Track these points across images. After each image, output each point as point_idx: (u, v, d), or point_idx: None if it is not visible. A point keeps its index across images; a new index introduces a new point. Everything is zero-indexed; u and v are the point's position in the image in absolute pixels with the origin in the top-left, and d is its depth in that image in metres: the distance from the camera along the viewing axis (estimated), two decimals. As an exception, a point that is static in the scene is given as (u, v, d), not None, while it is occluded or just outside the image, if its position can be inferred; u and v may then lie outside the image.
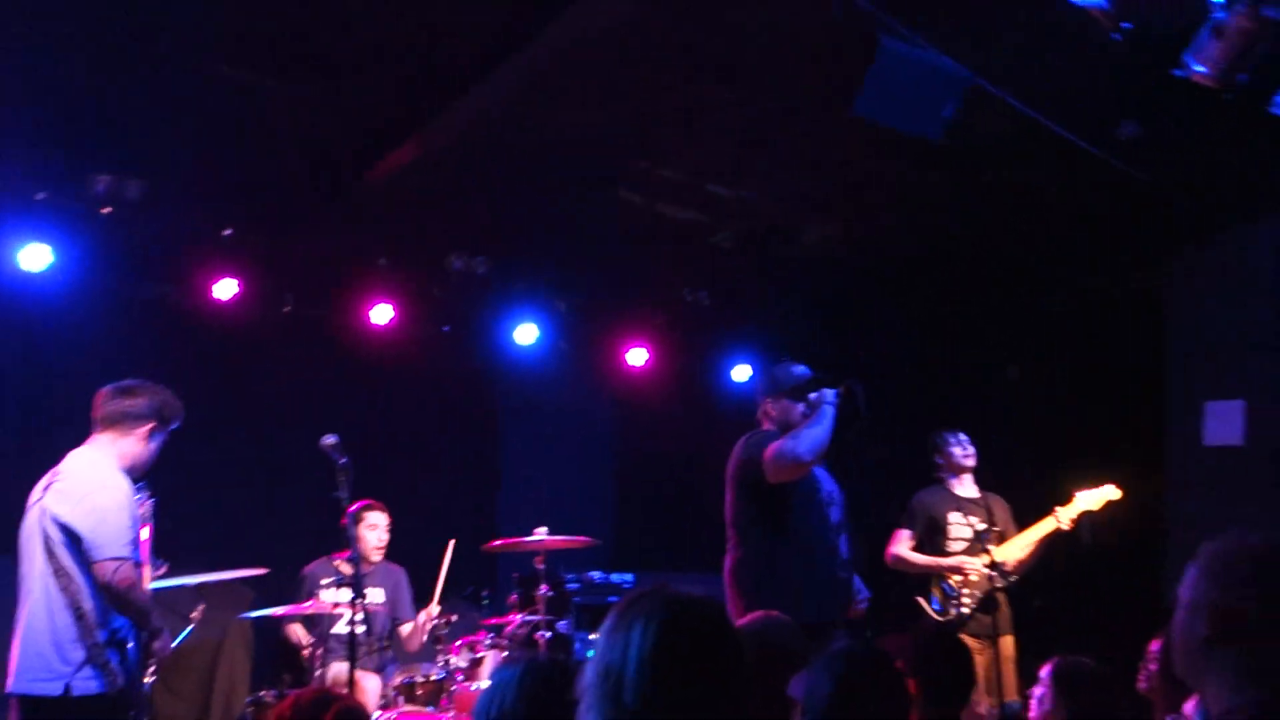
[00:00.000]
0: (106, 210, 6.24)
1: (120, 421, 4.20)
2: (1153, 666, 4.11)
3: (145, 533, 4.78)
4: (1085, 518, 6.04)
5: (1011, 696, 5.81)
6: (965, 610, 5.96)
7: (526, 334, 7.96)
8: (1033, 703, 3.75)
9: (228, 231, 6.73)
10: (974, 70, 4.74)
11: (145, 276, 6.83)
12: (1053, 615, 7.07)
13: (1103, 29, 3.88)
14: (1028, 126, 5.24)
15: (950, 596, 6.02)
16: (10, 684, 3.97)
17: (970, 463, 6.21)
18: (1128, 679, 4.17)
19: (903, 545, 6.19)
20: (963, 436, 6.26)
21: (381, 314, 7.37)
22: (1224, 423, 6.54)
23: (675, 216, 6.98)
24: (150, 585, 4.81)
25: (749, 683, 1.90)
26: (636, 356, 8.46)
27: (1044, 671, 3.75)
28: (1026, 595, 6.17)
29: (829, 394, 4.92)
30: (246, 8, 4.80)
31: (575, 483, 8.23)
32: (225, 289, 6.81)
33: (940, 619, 5.99)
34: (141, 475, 4.30)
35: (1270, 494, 6.21)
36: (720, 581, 5.08)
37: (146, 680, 4.32)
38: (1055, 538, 6.02)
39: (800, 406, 5.01)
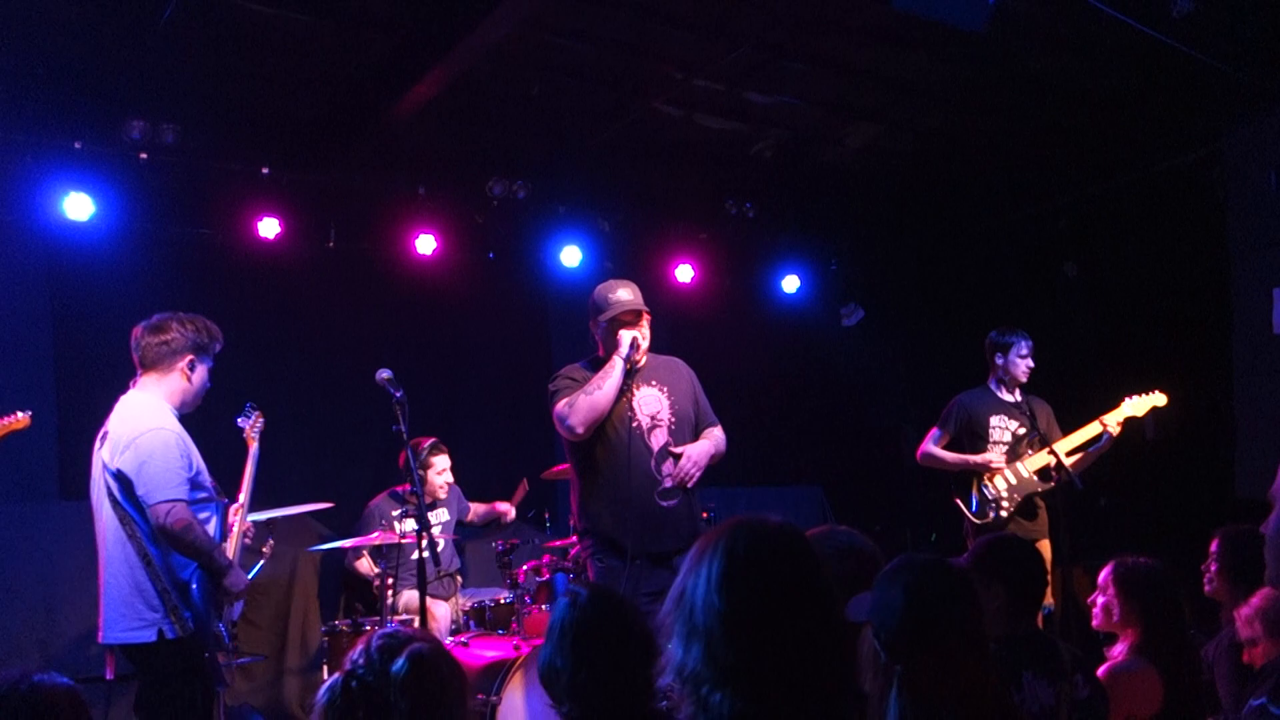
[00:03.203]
0: (143, 156, 6.24)
1: (158, 360, 4.18)
2: (1214, 567, 4.01)
3: (252, 448, 4.74)
4: (1150, 415, 5.91)
5: (1048, 601, 5.75)
6: (1004, 514, 5.88)
7: (571, 256, 7.88)
8: (1095, 610, 3.66)
9: (265, 170, 6.72)
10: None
11: (188, 220, 6.83)
12: (1117, 514, 6.99)
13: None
14: (1071, 11, 5.03)
15: (989, 499, 5.93)
16: (103, 635, 4.04)
17: (1024, 376, 6.03)
18: (1196, 577, 4.07)
19: (932, 443, 6.15)
20: (1025, 344, 6.05)
21: (425, 244, 7.31)
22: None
23: (714, 127, 6.83)
24: (252, 517, 4.78)
25: (829, 593, 1.96)
26: (683, 273, 8.37)
27: (1103, 576, 3.65)
28: (1090, 494, 6.06)
29: (624, 342, 4.60)
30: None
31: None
32: (268, 227, 6.80)
33: (977, 521, 5.92)
34: (194, 407, 4.25)
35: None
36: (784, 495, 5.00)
37: (231, 617, 4.32)
38: (1120, 438, 5.89)
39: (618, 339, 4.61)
